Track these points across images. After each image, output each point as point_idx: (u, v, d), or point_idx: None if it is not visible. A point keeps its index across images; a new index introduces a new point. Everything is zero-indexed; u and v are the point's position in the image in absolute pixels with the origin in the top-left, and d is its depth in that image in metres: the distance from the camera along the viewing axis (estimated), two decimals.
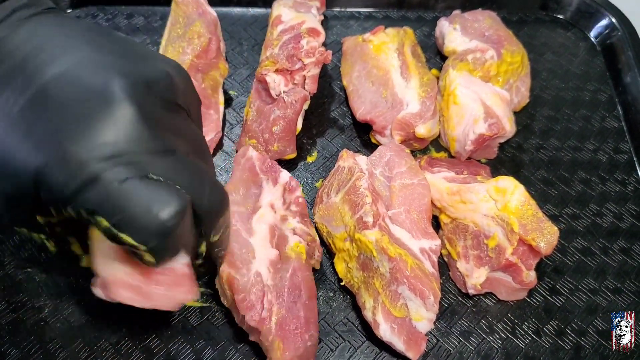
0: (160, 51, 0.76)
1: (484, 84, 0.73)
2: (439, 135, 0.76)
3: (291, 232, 0.62)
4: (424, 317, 0.57)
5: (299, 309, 0.57)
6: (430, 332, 0.62)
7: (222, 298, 0.61)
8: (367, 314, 0.59)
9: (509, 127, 0.71)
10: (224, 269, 0.57)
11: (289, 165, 0.74)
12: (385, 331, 0.58)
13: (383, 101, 0.74)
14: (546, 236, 0.59)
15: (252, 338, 0.58)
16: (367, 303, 0.59)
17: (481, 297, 0.65)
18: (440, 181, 0.67)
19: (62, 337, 0.61)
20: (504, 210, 0.61)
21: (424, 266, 0.59)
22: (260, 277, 0.57)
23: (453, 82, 0.73)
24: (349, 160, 0.66)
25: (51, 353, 0.60)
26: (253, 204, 0.64)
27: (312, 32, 0.74)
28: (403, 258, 0.57)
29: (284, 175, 0.66)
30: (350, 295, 0.64)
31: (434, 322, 0.62)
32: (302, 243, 0.61)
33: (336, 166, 0.68)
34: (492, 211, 0.62)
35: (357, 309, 0.62)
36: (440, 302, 0.64)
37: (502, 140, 0.74)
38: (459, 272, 0.65)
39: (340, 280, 0.63)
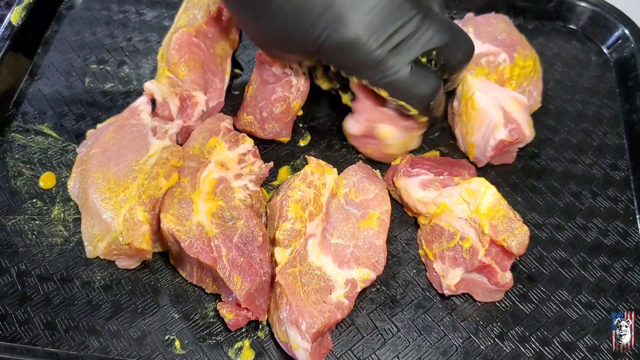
0: (175, 19, 0.78)
1: (502, 88, 0.73)
2: (457, 140, 0.76)
3: (243, 188, 0.64)
4: (299, 345, 0.56)
5: (251, 250, 0.60)
6: (390, 321, 0.63)
7: (170, 258, 0.65)
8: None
9: (529, 132, 0.70)
10: (164, 225, 0.59)
11: (280, 145, 0.76)
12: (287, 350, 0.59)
13: None
14: (517, 236, 0.59)
15: (209, 290, 0.63)
16: (273, 317, 0.60)
17: (450, 295, 0.65)
18: (414, 190, 0.67)
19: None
20: (476, 212, 0.61)
21: (325, 295, 0.58)
22: (201, 227, 0.59)
23: (471, 87, 0.72)
24: (312, 165, 0.64)
25: (27, 296, 0.63)
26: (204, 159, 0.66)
27: None
28: (289, 284, 0.57)
29: (247, 144, 0.68)
30: None
31: (400, 312, 0.63)
32: (248, 200, 0.64)
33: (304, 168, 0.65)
34: (465, 213, 0.62)
35: None
36: (406, 295, 0.65)
37: (522, 145, 0.74)
38: (435, 272, 0.65)
39: None
